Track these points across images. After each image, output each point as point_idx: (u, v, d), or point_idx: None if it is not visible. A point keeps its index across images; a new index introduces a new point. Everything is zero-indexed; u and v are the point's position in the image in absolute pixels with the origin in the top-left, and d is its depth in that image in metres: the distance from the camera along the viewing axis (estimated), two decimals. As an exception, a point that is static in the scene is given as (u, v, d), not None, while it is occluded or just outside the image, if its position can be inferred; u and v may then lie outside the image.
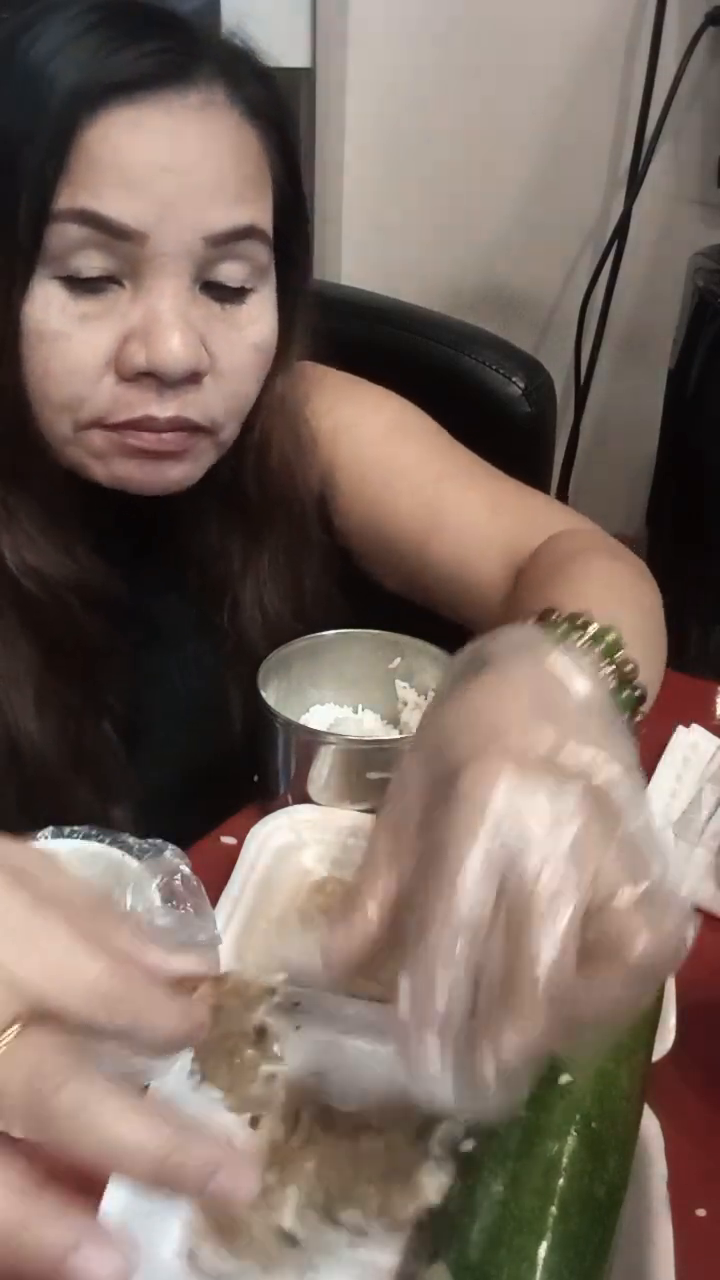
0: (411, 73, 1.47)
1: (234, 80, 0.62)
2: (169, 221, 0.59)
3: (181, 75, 0.60)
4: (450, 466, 0.80)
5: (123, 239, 0.59)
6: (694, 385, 0.90)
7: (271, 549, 0.77)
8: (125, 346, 0.61)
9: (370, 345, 0.89)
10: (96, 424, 0.63)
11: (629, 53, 1.33)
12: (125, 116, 0.58)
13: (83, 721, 0.71)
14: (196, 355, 0.62)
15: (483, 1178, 0.44)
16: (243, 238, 0.63)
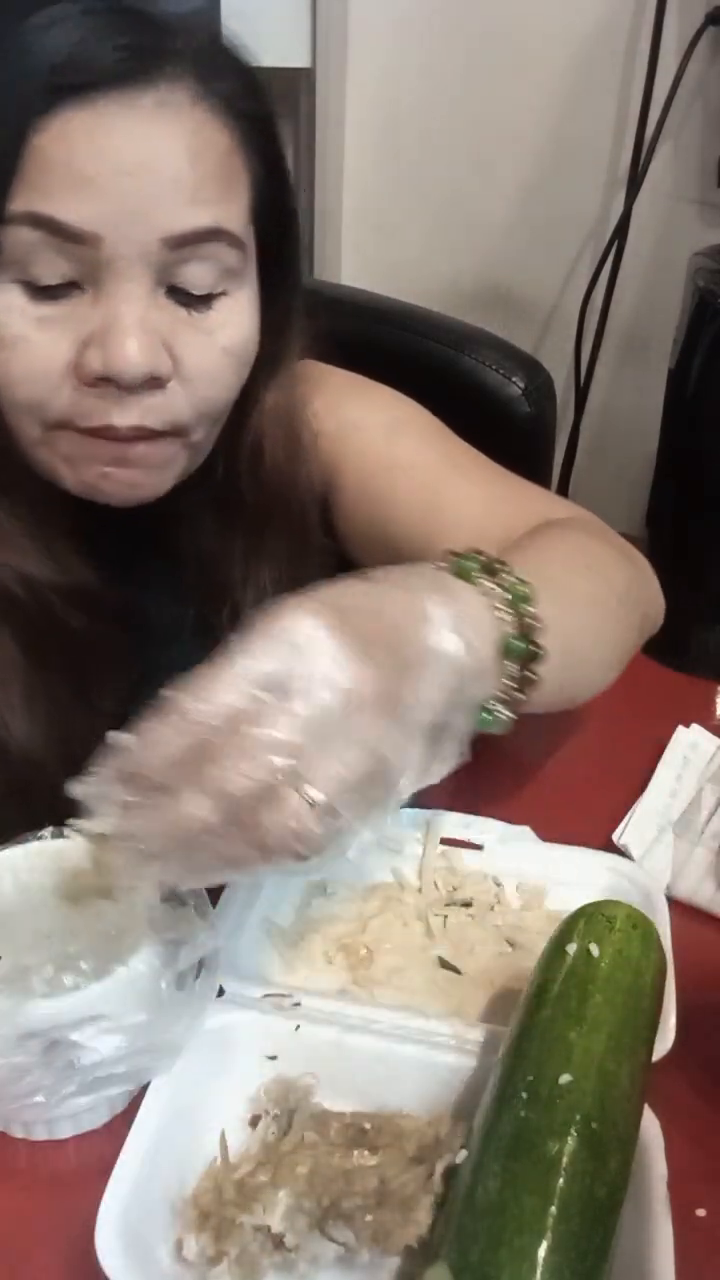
0: (411, 73, 1.47)
1: (205, 78, 0.60)
2: (124, 224, 0.58)
3: (140, 75, 0.58)
4: (451, 464, 0.80)
5: (76, 242, 0.58)
6: (694, 385, 0.90)
7: (272, 553, 0.77)
8: (84, 352, 0.60)
9: (370, 345, 0.89)
10: (63, 426, 0.63)
11: (629, 53, 1.32)
12: (79, 118, 0.57)
13: (72, 721, 0.70)
14: (154, 360, 0.61)
15: (483, 1177, 0.44)
16: (205, 240, 0.61)
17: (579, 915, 0.56)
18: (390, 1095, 0.53)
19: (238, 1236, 0.46)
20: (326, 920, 0.64)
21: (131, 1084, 0.51)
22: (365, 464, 0.79)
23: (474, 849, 0.69)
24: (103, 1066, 0.49)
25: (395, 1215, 0.46)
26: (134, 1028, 0.50)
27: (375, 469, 0.79)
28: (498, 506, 0.77)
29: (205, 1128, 0.52)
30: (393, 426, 0.80)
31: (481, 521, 0.76)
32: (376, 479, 0.79)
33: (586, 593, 0.65)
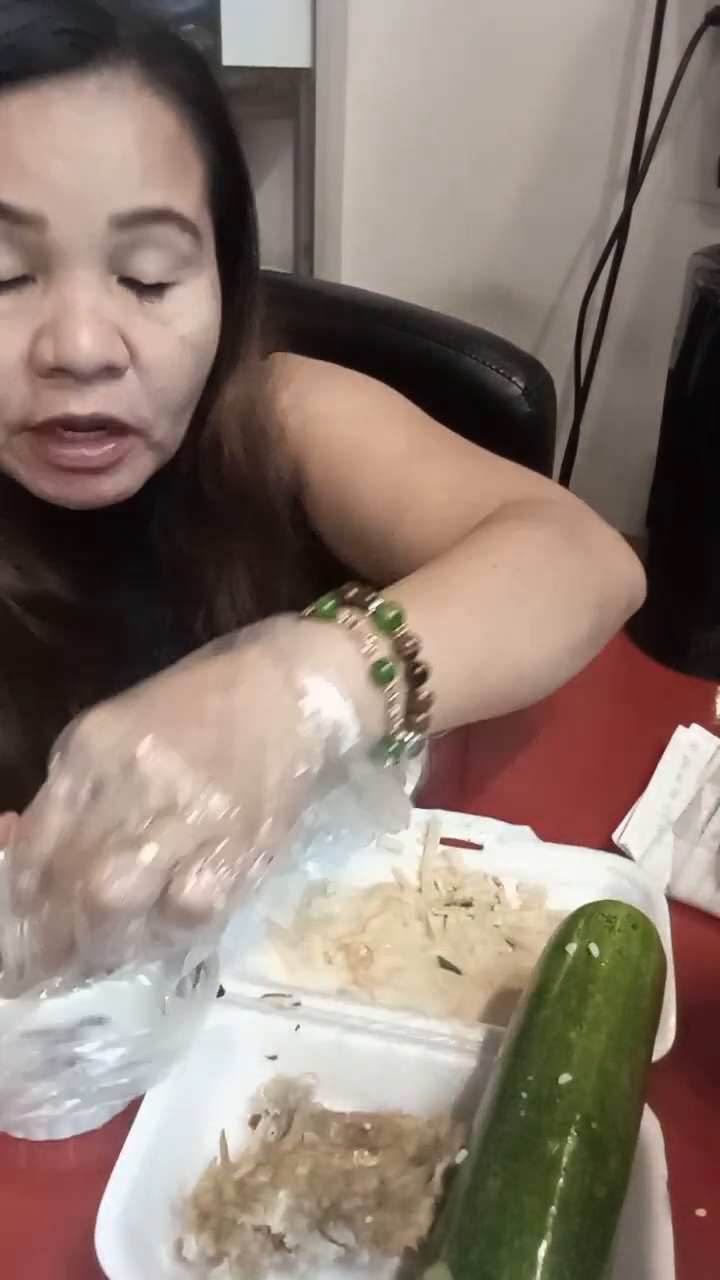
0: (412, 73, 1.47)
1: (150, 63, 0.60)
2: (69, 206, 0.57)
3: (82, 61, 0.57)
4: (417, 447, 0.77)
5: (21, 224, 0.57)
6: (694, 385, 0.90)
7: (243, 553, 0.76)
8: (37, 343, 0.59)
9: (370, 345, 0.89)
10: (23, 428, 0.62)
11: (629, 53, 1.32)
12: (20, 104, 0.56)
13: (45, 727, 0.70)
14: (107, 349, 0.60)
15: (483, 1178, 0.44)
16: (155, 221, 0.60)
17: (579, 915, 0.56)
18: (390, 1095, 0.53)
19: (238, 1237, 0.46)
20: (326, 920, 0.64)
21: (134, 1092, 0.51)
22: (330, 455, 0.78)
23: (474, 849, 0.69)
24: (107, 1077, 0.49)
25: (395, 1216, 0.46)
26: (138, 1039, 0.50)
27: (341, 459, 0.77)
28: (462, 492, 0.74)
29: (205, 1128, 0.52)
30: (357, 415, 0.78)
31: (447, 511, 0.73)
32: (342, 469, 0.77)
33: (496, 593, 0.63)
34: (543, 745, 0.84)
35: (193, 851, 0.45)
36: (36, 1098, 0.49)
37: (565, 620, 0.67)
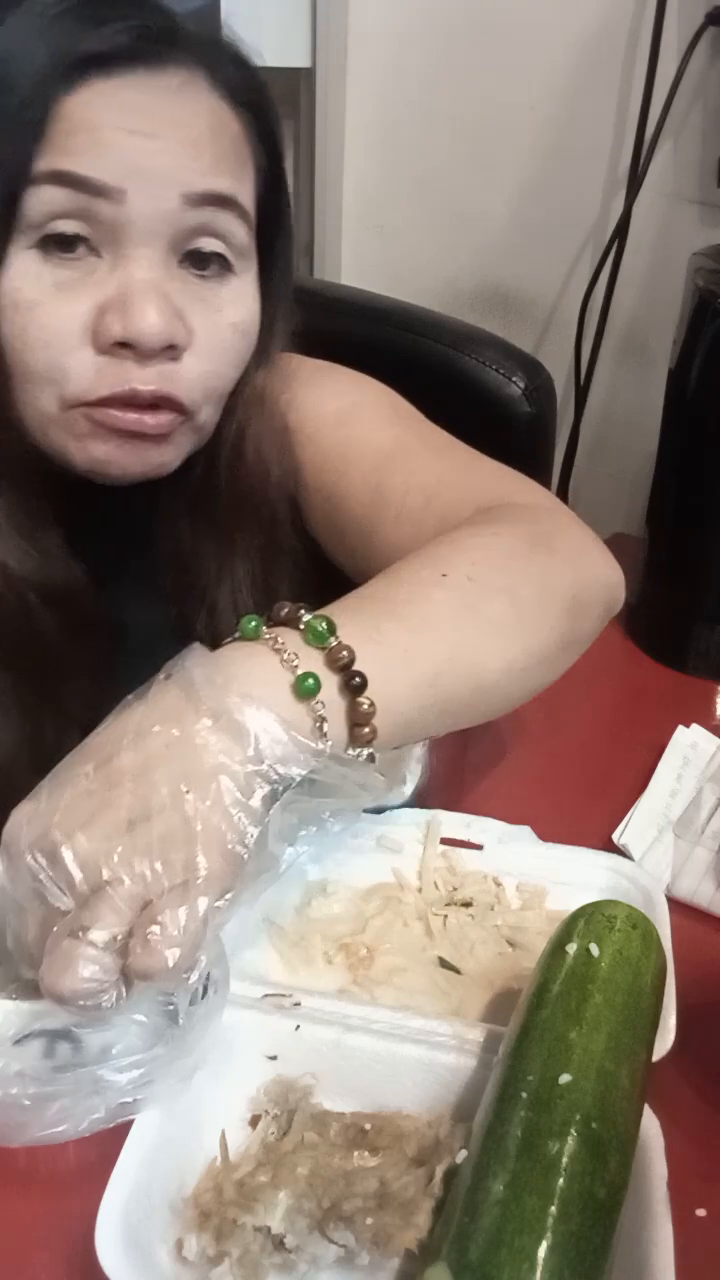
0: (411, 73, 1.47)
1: (213, 67, 0.63)
2: (145, 179, 0.60)
3: (159, 56, 0.61)
4: (402, 447, 0.76)
5: (100, 197, 0.59)
6: (694, 385, 0.90)
7: (244, 552, 0.76)
8: (102, 317, 0.61)
9: (370, 345, 0.89)
10: (81, 404, 0.63)
11: (629, 53, 1.32)
12: (103, 88, 0.59)
13: (43, 724, 0.70)
14: (172, 327, 0.61)
15: (483, 1178, 0.44)
16: (220, 206, 0.63)
17: (579, 915, 0.56)
18: (390, 1095, 0.53)
19: (239, 1237, 0.46)
20: (326, 920, 0.64)
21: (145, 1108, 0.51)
22: (318, 457, 0.78)
23: (474, 849, 0.69)
24: (126, 1092, 0.49)
25: (395, 1218, 0.46)
26: (154, 1060, 0.50)
27: (327, 457, 0.77)
28: (439, 493, 0.73)
29: (205, 1128, 0.52)
30: (345, 412, 0.79)
31: (421, 511, 0.72)
32: (329, 469, 0.77)
33: (450, 601, 0.60)
34: (543, 745, 0.84)
35: (136, 919, 0.46)
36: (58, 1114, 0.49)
37: (529, 626, 0.64)
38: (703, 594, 0.94)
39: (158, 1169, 0.48)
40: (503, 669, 0.62)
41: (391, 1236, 0.46)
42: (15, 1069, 0.49)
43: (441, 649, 0.58)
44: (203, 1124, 0.52)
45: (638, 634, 0.98)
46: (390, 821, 0.69)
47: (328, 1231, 0.46)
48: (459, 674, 0.59)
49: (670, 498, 0.95)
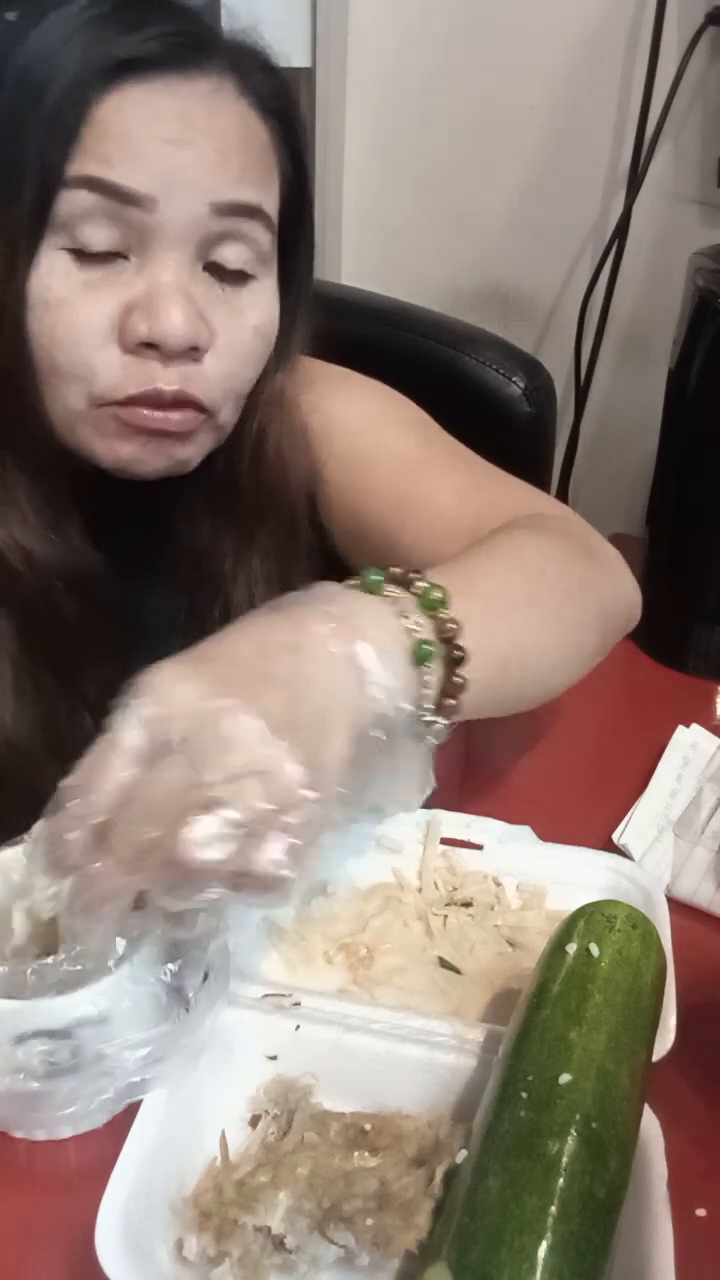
0: (411, 73, 1.47)
1: (242, 73, 0.64)
2: (176, 189, 0.61)
3: (192, 61, 0.62)
4: (429, 454, 0.80)
5: (131, 205, 0.61)
6: (694, 385, 0.90)
7: (262, 548, 0.77)
8: (128, 317, 0.62)
9: (370, 345, 0.89)
10: (108, 402, 0.64)
11: (629, 53, 1.32)
12: (136, 94, 0.60)
13: (58, 709, 0.71)
14: (197, 329, 0.63)
15: (483, 1178, 0.44)
16: (246, 215, 0.64)
17: (579, 915, 0.56)
18: (390, 1095, 0.53)
19: (239, 1237, 0.46)
20: (326, 920, 0.64)
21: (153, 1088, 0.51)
22: (345, 457, 0.80)
23: (474, 849, 0.69)
24: (134, 1073, 0.50)
25: (396, 1219, 0.46)
26: (161, 1036, 0.50)
27: (354, 462, 0.80)
28: (470, 499, 0.77)
29: (205, 1128, 0.52)
30: (372, 418, 0.81)
31: (453, 518, 0.75)
32: (355, 471, 0.80)
33: (525, 592, 0.65)
34: (543, 745, 0.84)
35: (271, 816, 0.45)
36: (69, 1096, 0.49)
37: (580, 628, 0.69)
38: (703, 594, 0.94)
39: (158, 1169, 0.48)
40: (555, 662, 0.67)
41: (392, 1237, 0.46)
42: (19, 1063, 0.49)
43: (517, 637, 0.62)
44: (203, 1124, 0.52)
45: (638, 634, 0.97)
46: (390, 821, 0.69)
47: (328, 1232, 0.46)
48: (526, 663, 0.64)
49: (670, 498, 0.95)
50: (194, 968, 0.52)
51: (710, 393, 0.89)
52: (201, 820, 0.44)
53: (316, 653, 0.50)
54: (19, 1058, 0.49)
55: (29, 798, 0.69)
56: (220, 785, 0.45)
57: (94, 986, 0.50)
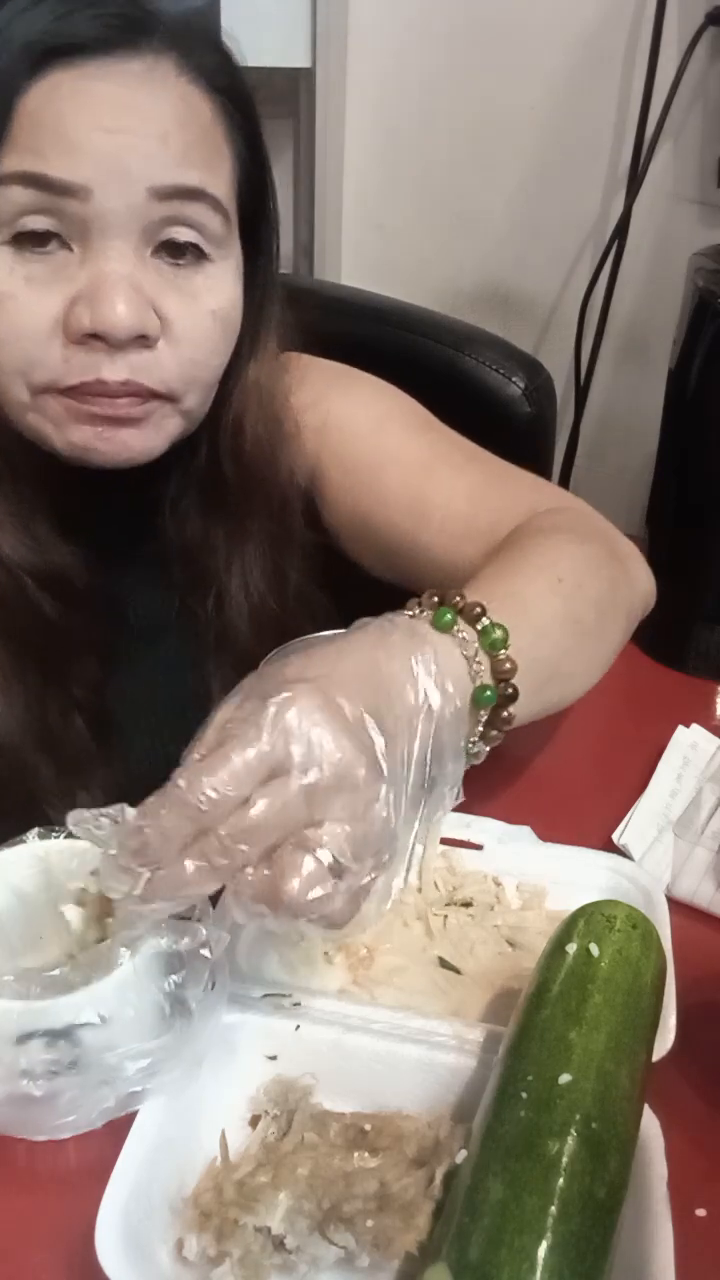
0: (411, 73, 1.47)
1: (184, 51, 0.63)
2: (112, 177, 0.60)
3: (124, 42, 0.60)
4: (438, 453, 0.80)
5: (67, 196, 0.59)
6: (694, 385, 0.90)
7: (255, 538, 0.77)
8: (72, 309, 0.61)
9: (370, 345, 0.89)
10: (51, 389, 0.64)
11: (629, 53, 1.32)
12: (67, 80, 0.59)
13: (48, 708, 0.71)
14: (141, 318, 0.62)
15: (483, 1178, 0.44)
16: (190, 198, 0.63)
17: (579, 915, 0.56)
18: (390, 1095, 0.53)
19: (239, 1237, 0.46)
20: (326, 920, 0.64)
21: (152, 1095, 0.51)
22: (351, 456, 0.79)
23: (474, 849, 0.69)
24: (134, 1081, 0.50)
25: (396, 1220, 0.46)
26: (161, 1047, 0.50)
27: (361, 462, 0.79)
28: (485, 498, 0.77)
29: (205, 1128, 0.52)
30: (378, 419, 0.81)
31: (471, 515, 0.76)
32: (362, 472, 0.79)
33: (564, 613, 0.66)
34: (543, 745, 0.84)
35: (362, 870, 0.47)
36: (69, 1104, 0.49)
37: (606, 636, 0.71)
38: (703, 594, 0.94)
39: (158, 1169, 0.48)
40: (584, 676, 0.69)
41: (392, 1239, 0.46)
42: (21, 1067, 0.49)
43: (554, 660, 0.64)
44: (203, 1124, 0.52)
45: (638, 634, 0.97)
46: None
47: (328, 1233, 0.46)
48: (558, 683, 0.66)
49: (670, 498, 0.95)
50: (197, 978, 0.52)
51: (710, 393, 0.89)
52: (308, 861, 0.45)
53: (407, 678, 0.52)
54: (20, 1061, 0.49)
55: (22, 796, 0.69)
56: (328, 826, 0.46)
57: (95, 988, 0.50)
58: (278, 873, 0.45)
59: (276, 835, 0.46)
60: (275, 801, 0.46)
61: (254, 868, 0.46)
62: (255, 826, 0.45)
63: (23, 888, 0.58)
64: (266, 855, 0.46)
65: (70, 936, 0.56)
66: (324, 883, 0.45)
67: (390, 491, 0.78)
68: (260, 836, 0.46)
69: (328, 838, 0.46)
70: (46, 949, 0.58)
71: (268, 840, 0.46)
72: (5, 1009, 0.49)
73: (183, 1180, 0.49)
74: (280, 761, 0.46)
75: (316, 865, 0.45)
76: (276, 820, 0.46)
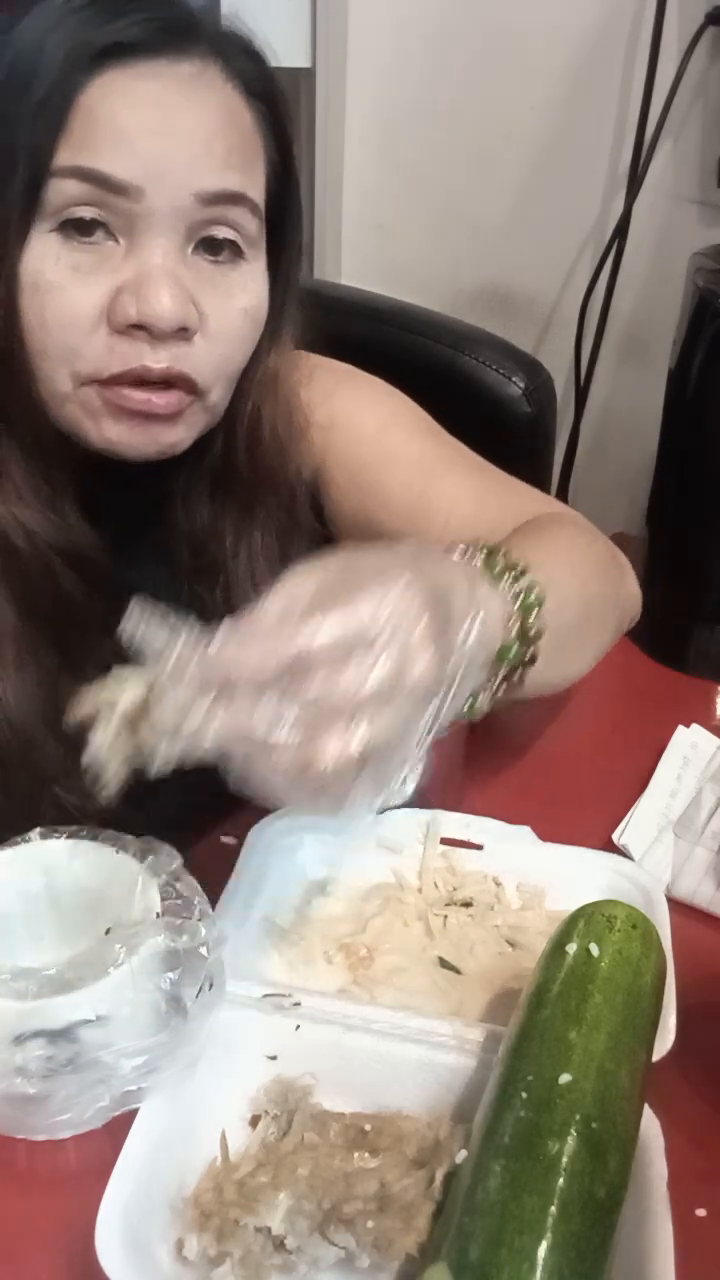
0: (411, 72, 1.47)
1: (226, 58, 0.65)
2: (162, 178, 0.62)
3: (175, 45, 0.63)
4: (441, 459, 0.82)
5: (119, 194, 0.61)
6: (694, 385, 0.90)
7: (263, 526, 0.78)
8: (117, 299, 0.63)
9: (370, 345, 0.89)
10: (93, 380, 0.65)
11: (629, 53, 1.32)
12: (121, 80, 0.61)
13: (60, 686, 0.71)
14: (185, 310, 0.64)
15: (483, 1177, 0.44)
16: (232, 202, 0.65)
17: (579, 915, 0.56)
18: (390, 1095, 0.53)
19: (240, 1237, 0.46)
20: (326, 920, 0.64)
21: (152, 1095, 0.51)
22: (355, 457, 0.81)
23: (474, 849, 0.69)
24: (130, 1080, 0.50)
25: (396, 1222, 0.46)
26: (157, 1045, 0.50)
27: (365, 463, 0.81)
28: (488, 502, 0.79)
29: (205, 1128, 0.52)
30: (384, 422, 0.82)
31: (472, 518, 0.78)
32: (366, 473, 0.81)
33: (578, 595, 0.68)
34: (543, 745, 0.84)
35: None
36: (64, 1102, 0.49)
37: (605, 628, 0.76)
38: (703, 594, 0.94)
39: (158, 1169, 0.48)
40: (581, 661, 0.73)
41: (392, 1240, 0.46)
42: (16, 1065, 0.49)
43: (565, 637, 0.66)
44: (203, 1124, 0.52)
45: (638, 634, 0.97)
46: (390, 821, 0.69)
47: (328, 1234, 0.46)
48: (561, 661, 0.68)
49: (670, 498, 0.95)
50: (192, 977, 0.52)
51: (710, 393, 0.89)
52: (346, 744, 0.46)
53: (461, 625, 0.52)
54: (17, 1060, 0.49)
55: (30, 775, 0.69)
56: (376, 718, 0.47)
57: (94, 988, 0.50)
58: (315, 750, 0.46)
59: (346, 710, 0.46)
60: (362, 675, 0.46)
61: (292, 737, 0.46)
62: (344, 694, 0.46)
63: (23, 888, 0.58)
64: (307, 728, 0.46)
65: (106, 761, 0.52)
66: (351, 769, 0.46)
67: (392, 492, 0.80)
68: (340, 705, 0.46)
69: (370, 729, 0.46)
70: (46, 949, 0.58)
71: (343, 712, 0.46)
72: (4, 1009, 0.49)
73: (183, 1180, 0.49)
74: (371, 636, 0.47)
75: (352, 752, 0.46)
76: (350, 694, 0.46)
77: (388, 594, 0.48)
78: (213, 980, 0.53)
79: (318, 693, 0.46)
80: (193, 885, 0.56)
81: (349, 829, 0.68)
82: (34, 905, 0.58)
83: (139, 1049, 0.50)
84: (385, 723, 0.47)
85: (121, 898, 0.55)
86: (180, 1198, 0.48)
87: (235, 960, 0.58)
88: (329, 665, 0.46)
